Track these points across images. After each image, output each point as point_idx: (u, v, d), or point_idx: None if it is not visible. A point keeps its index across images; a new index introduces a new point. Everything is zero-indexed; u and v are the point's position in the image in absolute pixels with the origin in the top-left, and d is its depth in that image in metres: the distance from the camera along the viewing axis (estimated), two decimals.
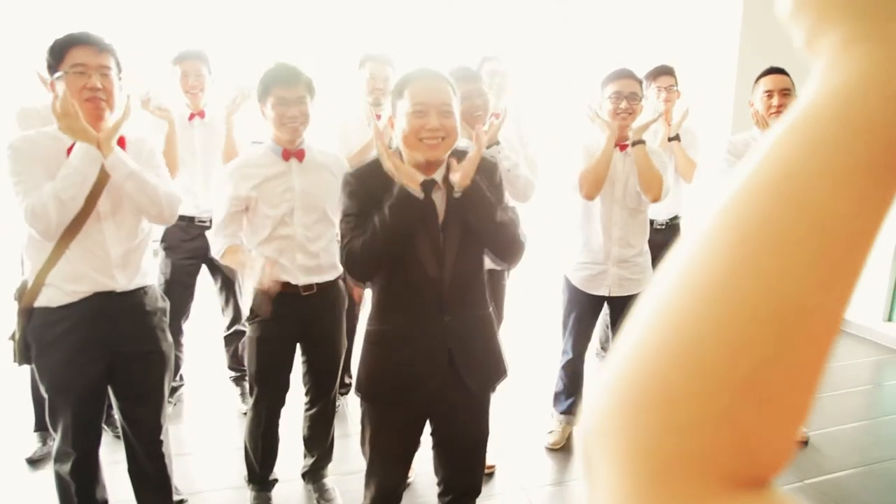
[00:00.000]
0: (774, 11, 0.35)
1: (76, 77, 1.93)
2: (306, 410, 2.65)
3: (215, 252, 2.36)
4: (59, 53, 1.93)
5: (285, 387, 2.52)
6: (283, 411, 2.55)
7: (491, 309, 2.00)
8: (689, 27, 5.10)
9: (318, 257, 2.40)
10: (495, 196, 1.88)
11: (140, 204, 2.07)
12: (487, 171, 1.88)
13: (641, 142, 2.77)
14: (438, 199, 1.83)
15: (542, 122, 5.18)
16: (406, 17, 4.62)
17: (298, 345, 2.53)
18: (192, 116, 3.24)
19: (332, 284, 2.48)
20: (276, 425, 2.55)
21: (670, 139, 3.68)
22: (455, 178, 1.77)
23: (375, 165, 1.83)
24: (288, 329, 2.41)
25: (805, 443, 3.13)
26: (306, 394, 2.63)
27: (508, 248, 1.89)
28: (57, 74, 1.94)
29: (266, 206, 2.31)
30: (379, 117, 3.30)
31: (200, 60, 3.22)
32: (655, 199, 2.83)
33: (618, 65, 2.84)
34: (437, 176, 1.82)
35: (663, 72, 3.71)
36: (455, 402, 1.91)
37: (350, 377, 3.52)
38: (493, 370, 1.98)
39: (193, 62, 3.20)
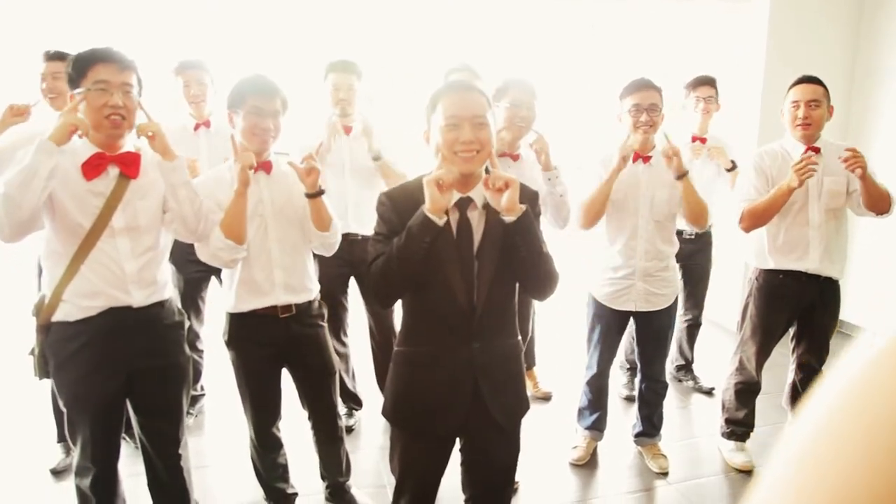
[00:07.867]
0: (800, 19, 0.31)
1: (98, 94, 1.95)
2: (312, 433, 2.58)
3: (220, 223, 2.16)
4: (81, 69, 1.95)
5: (275, 406, 2.46)
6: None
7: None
8: (716, 36, 5.03)
9: (296, 273, 2.34)
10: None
11: (185, 214, 2.09)
12: (531, 199, 1.83)
13: (685, 173, 2.65)
14: (475, 218, 1.78)
15: (568, 131, 5.13)
16: (427, 23, 4.61)
17: (286, 366, 2.45)
18: (197, 126, 3.25)
19: (309, 305, 2.41)
20: (276, 443, 2.50)
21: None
22: (501, 204, 1.70)
23: (411, 187, 1.80)
24: (268, 352, 2.35)
25: None
26: (308, 418, 2.55)
27: (546, 280, 1.83)
28: (78, 90, 1.95)
29: None
30: (349, 130, 3.15)
31: (202, 70, 3.22)
32: (702, 228, 2.82)
33: (638, 74, 2.78)
34: (475, 194, 1.78)
35: (704, 82, 3.67)
36: (483, 427, 1.87)
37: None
38: (517, 403, 1.94)
39: (195, 72, 3.20)
